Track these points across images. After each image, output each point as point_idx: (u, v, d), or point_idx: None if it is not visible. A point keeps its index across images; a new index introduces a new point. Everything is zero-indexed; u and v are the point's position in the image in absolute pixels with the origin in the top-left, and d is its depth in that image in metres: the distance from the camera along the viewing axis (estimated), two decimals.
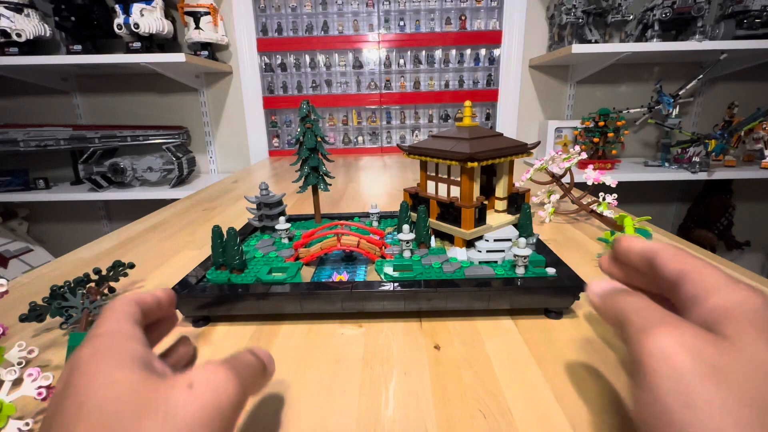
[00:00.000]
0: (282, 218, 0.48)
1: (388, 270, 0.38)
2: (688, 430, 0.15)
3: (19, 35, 1.31)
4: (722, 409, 0.15)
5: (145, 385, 0.16)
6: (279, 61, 1.63)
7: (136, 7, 1.31)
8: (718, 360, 0.16)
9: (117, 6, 1.32)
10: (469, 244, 0.43)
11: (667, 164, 1.51)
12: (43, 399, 0.24)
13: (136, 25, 1.30)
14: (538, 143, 0.47)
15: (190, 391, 0.17)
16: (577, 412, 0.25)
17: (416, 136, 1.71)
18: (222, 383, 0.17)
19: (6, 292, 0.26)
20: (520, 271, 0.37)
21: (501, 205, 0.47)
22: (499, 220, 0.45)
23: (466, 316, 0.36)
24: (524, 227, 0.42)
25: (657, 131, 1.69)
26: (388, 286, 0.35)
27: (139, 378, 0.16)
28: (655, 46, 1.35)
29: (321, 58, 1.64)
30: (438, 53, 1.62)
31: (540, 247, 0.42)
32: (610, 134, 1.39)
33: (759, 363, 0.15)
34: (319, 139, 0.49)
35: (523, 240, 0.37)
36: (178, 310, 0.36)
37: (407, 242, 0.41)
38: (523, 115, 1.68)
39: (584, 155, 0.64)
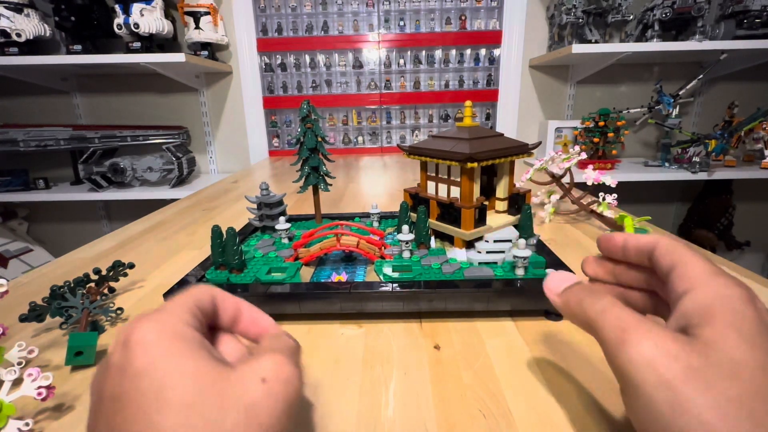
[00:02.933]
0: (282, 218, 0.48)
1: (388, 270, 0.38)
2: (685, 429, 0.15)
3: (19, 35, 1.31)
4: (709, 409, 0.15)
5: (221, 378, 0.16)
6: (279, 61, 1.63)
7: (136, 7, 1.31)
8: (698, 363, 0.16)
9: (117, 6, 1.32)
10: (469, 244, 0.43)
11: (667, 164, 1.51)
12: (43, 399, 0.24)
13: (136, 25, 1.30)
14: (539, 143, 0.47)
15: (264, 386, 0.17)
16: (577, 412, 0.25)
17: (416, 136, 1.71)
18: (290, 377, 0.18)
19: (6, 292, 0.26)
20: (520, 272, 0.37)
21: (501, 205, 0.47)
22: (499, 220, 0.45)
23: (466, 317, 0.36)
24: (525, 228, 0.42)
25: (657, 131, 1.69)
26: (388, 287, 0.35)
27: (213, 368, 0.17)
28: (655, 46, 1.35)
29: (321, 58, 1.64)
30: (438, 53, 1.62)
31: (540, 248, 0.42)
32: (610, 134, 1.39)
33: (737, 362, 0.16)
34: (319, 139, 0.49)
35: (523, 241, 0.37)
36: None
37: (407, 243, 0.41)
38: (523, 115, 1.68)
39: (584, 155, 0.64)
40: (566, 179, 0.66)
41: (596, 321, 0.20)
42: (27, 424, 0.23)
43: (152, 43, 1.39)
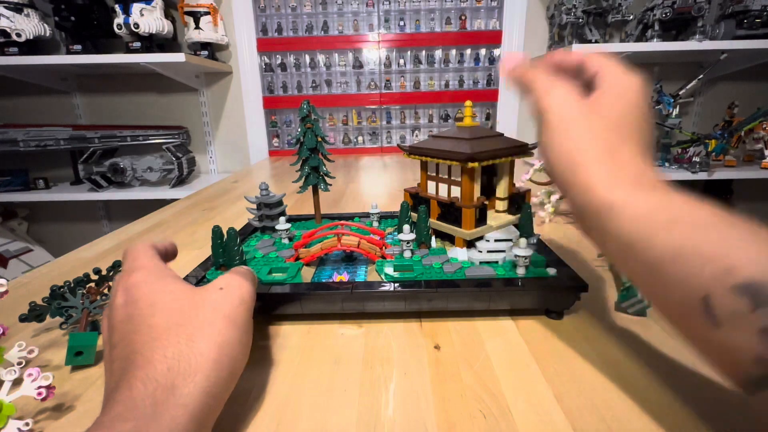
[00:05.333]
0: (282, 218, 0.48)
1: (389, 270, 0.38)
2: (569, 148, 0.26)
3: (19, 35, 1.31)
4: (583, 133, 0.25)
5: (192, 291, 0.25)
6: (279, 61, 1.64)
7: (136, 7, 1.31)
8: (586, 109, 0.26)
9: (117, 6, 1.32)
10: (470, 244, 0.43)
11: (667, 164, 1.51)
12: (43, 399, 0.24)
13: (136, 25, 1.30)
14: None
15: (223, 292, 0.26)
16: (577, 412, 0.25)
17: (416, 136, 1.71)
18: (240, 283, 0.27)
19: (6, 292, 0.26)
20: (520, 271, 0.37)
21: (502, 205, 0.47)
22: (499, 220, 0.45)
23: (466, 316, 0.36)
24: (525, 227, 0.42)
25: (657, 131, 1.68)
26: (389, 287, 0.35)
27: (186, 287, 0.26)
28: (655, 46, 1.35)
29: (321, 58, 1.64)
30: (438, 53, 1.62)
31: (541, 247, 0.42)
32: None
33: (607, 116, 0.26)
34: (319, 139, 0.49)
35: (523, 240, 0.37)
36: None
37: (408, 242, 0.41)
38: (523, 115, 1.68)
39: None
40: None
41: (531, 83, 0.29)
42: (27, 424, 0.23)
43: (152, 43, 1.39)
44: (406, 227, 0.41)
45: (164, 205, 0.84)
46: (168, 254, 0.32)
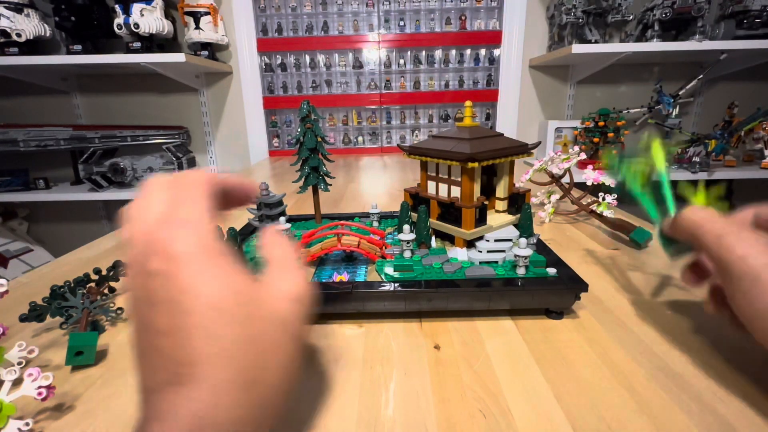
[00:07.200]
0: (282, 218, 0.48)
1: (389, 270, 0.38)
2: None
3: (19, 35, 1.31)
4: None
5: (253, 291, 0.18)
6: (279, 61, 1.63)
7: (136, 7, 1.31)
8: None
9: (117, 6, 1.32)
10: (470, 244, 0.43)
11: (667, 164, 1.51)
12: (43, 399, 0.24)
13: (136, 25, 1.30)
14: (539, 143, 0.47)
15: (296, 306, 0.20)
16: (577, 412, 0.25)
17: (416, 136, 1.71)
18: (309, 295, 0.21)
19: (6, 292, 0.26)
20: (520, 271, 0.37)
21: (501, 205, 0.47)
22: (499, 220, 0.45)
23: (466, 316, 0.36)
24: (525, 227, 0.42)
25: (657, 131, 1.69)
26: (389, 287, 0.35)
27: (244, 282, 0.18)
28: (655, 46, 1.35)
29: (321, 58, 1.64)
30: (438, 53, 1.62)
31: (540, 247, 0.42)
32: (610, 134, 1.39)
33: None
34: (319, 139, 0.49)
35: (523, 240, 0.37)
36: None
37: (408, 242, 0.41)
38: (523, 115, 1.68)
39: (583, 155, 0.64)
40: (566, 179, 0.66)
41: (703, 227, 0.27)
42: (27, 424, 0.23)
43: (152, 43, 1.39)
44: (406, 227, 0.41)
45: None
46: (243, 194, 0.24)
